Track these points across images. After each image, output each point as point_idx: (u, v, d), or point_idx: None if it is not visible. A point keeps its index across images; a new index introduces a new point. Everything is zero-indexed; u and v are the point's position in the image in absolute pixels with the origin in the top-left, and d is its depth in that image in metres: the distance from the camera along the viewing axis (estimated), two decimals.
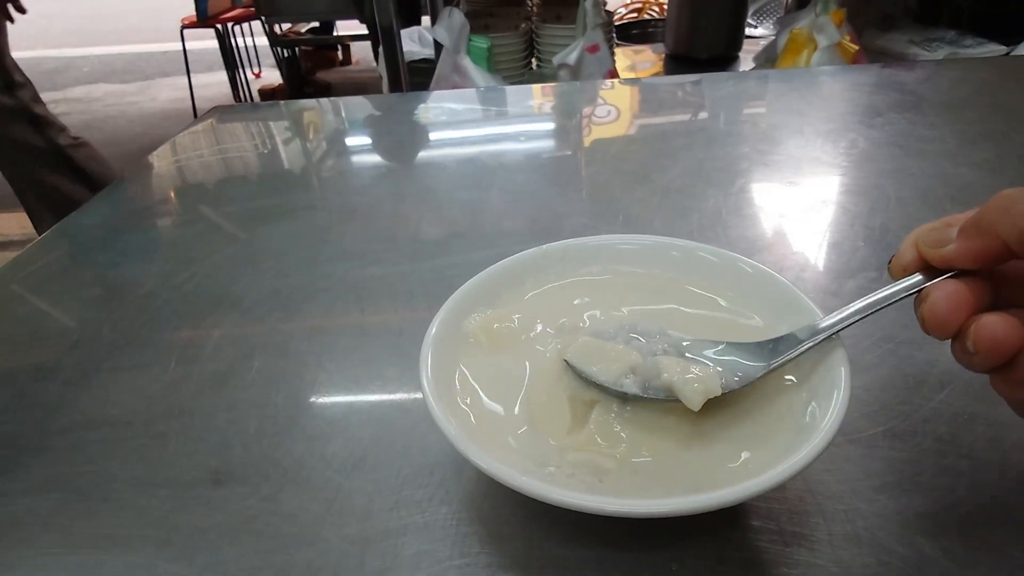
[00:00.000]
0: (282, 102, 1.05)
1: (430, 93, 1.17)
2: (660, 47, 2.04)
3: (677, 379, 0.29)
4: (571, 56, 1.57)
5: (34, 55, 4.51)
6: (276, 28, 3.33)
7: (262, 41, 3.57)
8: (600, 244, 0.40)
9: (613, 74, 1.65)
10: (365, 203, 0.67)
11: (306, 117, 0.95)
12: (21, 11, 1.73)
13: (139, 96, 3.99)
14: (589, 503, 0.25)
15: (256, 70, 4.03)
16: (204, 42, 3.53)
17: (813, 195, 0.60)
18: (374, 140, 0.87)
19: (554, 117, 0.91)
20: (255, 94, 3.68)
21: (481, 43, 1.61)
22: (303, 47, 3.70)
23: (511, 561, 0.30)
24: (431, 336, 0.33)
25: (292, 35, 3.57)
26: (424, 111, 0.94)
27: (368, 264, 0.55)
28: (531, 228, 0.60)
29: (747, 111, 0.86)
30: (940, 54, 1.57)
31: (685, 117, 0.87)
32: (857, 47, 1.52)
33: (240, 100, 3.46)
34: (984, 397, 0.35)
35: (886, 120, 0.75)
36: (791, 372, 0.31)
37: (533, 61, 1.80)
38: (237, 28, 3.46)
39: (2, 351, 0.49)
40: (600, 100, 0.94)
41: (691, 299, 0.37)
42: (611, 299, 0.37)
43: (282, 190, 0.72)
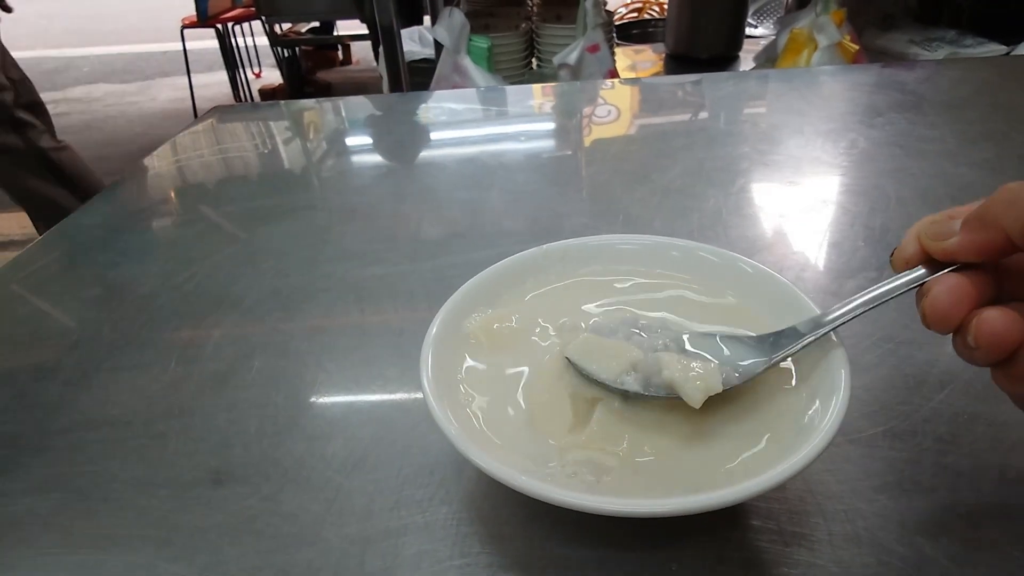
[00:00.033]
0: (282, 102, 1.05)
1: (430, 93, 1.17)
2: (660, 47, 2.04)
3: (678, 376, 0.29)
4: (571, 56, 1.57)
5: (34, 55, 4.51)
6: (276, 28, 3.33)
7: (262, 41, 3.57)
8: (600, 244, 0.40)
9: (613, 74, 1.65)
10: (365, 203, 0.67)
11: (306, 117, 0.95)
12: (7, 10, 1.72)
13: (139, 96, 3.99)
14: (590, 503, 0.25)
15: (256, 70, 4.03)
16: (204, 42, 3.53)
17: (813, 195, 0.60)
18: (374, 140, 0.87)
19: (554, 117, 0.91)
20: (255, 94, 3.68)
21: (481, 43, 1.61)
22: (303, 47, 3.70)
23: (512, 561, 0.30)
24: (431, 336, 0.33)
25: (292, 35, 3.57)
26: (424, 111, 0.94)
27: (368, 264, 0.55)
28: (531, 228, 0.60)
29: (747, 111, 0.86)
30: (940, 54, 1.57)
31: (685, 117, 0.87)
32: (857, 47, 1.52)
33: (240, 100, 3.46)
34: (984, 397, 0.35)
35: (886, 120, 0.75)
36: (791, 373, 0.31)
37: (533, 61, 1.80)
38: (237, 28, 3.46)
39: (2, 351, 0.49)
40: (600, 100, 0.94)
41: (691, 298, 0.37)
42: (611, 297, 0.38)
43: (282, 190, 0.72)
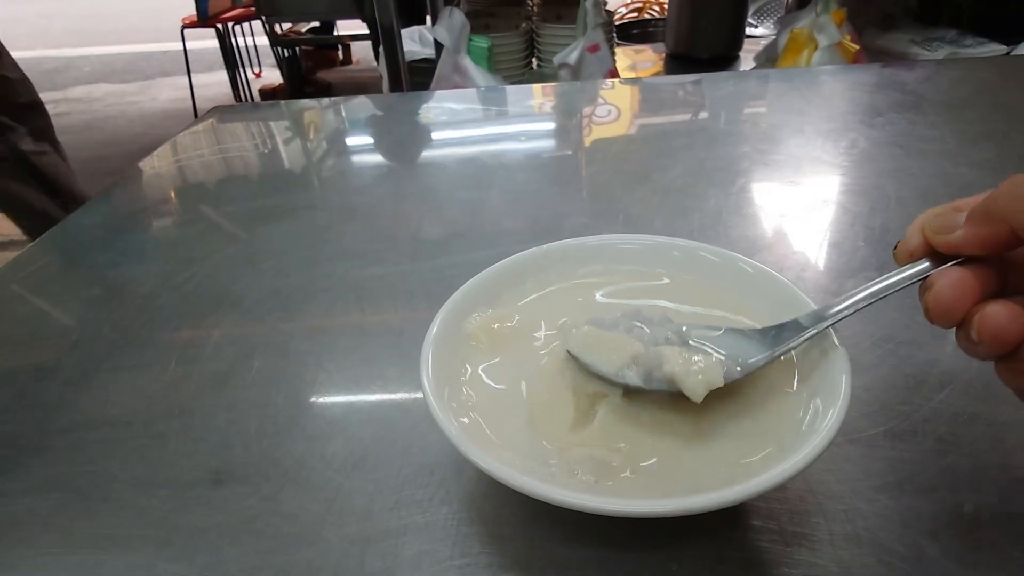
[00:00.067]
0: (282, 102, 1.05)
1: (430, 93, 1.17)
2: (660, 47, 2.03)
3: (679, 370, 0.29)
4: (571, 56, 1.57)
5: (34, 55, 4.51)
6: (276, 28, 3.33)
7: (262, 41, 3.57)
8: (600, 244, 0.40)
9: (613, 74, 1.65)
10: (365, 203, 0.67)
11: (306, 117, 0.95)
12: None
13: (139, 96, 3.99)
14: (590, 503, 0.25)
15: (256, 70, 4.03)
16: (204, 42, 3.52)
17: (813, 195, 0.60)
18: (374, 140, 0.87)
19: (554, 117, 0.91)
20: (255, 94, 3.68)
21: (481, 43, 1.61)
22: (303, 47, 3.70)
23: (512, 561, 0.30)
24: (432, 336, 0.33)
25: (292, 35, 3.57)
26: (424, 111, 0.94)
27: (368, 264, 0.55)
28: (531, 228, 0.60)
29: (748, 111, 0.86)
30: (940, 54, 1.57)
31: (686, 117, 0.87)
32: (857, 47, 1.52)
33: (240, 100, 3.46)
34: (985, 397, 0.35)
35: (886, 120, 0.75)
36: (792, 373, 0.31)
37: (533, 61, 1.80)
38: (237, 28, 3.46)
39: (2, 351, 0.49)
40: (600, 100, 0.94)
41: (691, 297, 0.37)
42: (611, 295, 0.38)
43: (282, 190, 0.72)
